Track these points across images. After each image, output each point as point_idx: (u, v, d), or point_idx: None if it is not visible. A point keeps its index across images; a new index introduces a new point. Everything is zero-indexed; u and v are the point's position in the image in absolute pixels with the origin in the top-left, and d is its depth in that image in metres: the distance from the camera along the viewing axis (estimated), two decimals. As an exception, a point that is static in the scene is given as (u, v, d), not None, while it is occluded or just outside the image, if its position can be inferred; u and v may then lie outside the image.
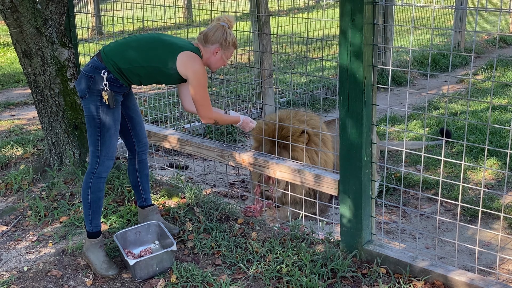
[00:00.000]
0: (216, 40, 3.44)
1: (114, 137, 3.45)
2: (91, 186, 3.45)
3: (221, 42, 3.44)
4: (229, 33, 3.46)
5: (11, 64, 10.25)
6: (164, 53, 3.37)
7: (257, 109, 6.96)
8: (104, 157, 3.43)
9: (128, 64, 3.36)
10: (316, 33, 9.78)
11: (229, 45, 3.47)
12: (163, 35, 3.54)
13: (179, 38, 3.54)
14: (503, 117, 6.43)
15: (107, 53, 3.40)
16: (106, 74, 3.34)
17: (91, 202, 3.47)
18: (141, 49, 3.40)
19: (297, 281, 3.21)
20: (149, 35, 3.55)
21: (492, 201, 4.47)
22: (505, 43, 11.48)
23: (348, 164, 3.31)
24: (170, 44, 3.40)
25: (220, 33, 3.44)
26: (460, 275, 3.10)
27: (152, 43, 3.42)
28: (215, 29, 3.45)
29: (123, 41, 3.49)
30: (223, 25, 3.45)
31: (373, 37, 3.12)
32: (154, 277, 3.40)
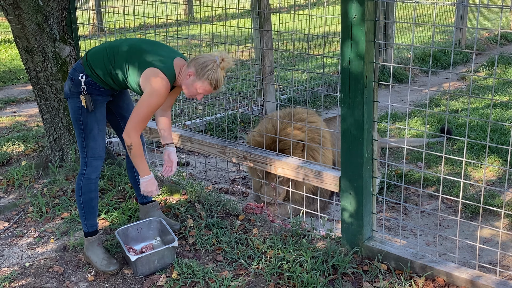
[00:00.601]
0: (194, 66, 3.18)
1: (98, 137, 3.43)
2: (82, 187, 3.46)
3: (197, 69, 3.17)
4: (212, 67, 3.14)
5: (12, 61, 10.25)
6: (133, 64, 3.24)
7: (258, 106, 6.96)
8: (91, 157, 3.44)
9: (101, 69, 3.33)
10: (318, 30, 9.78)
11: (203, 77, 3.16)
12: (146, 45, 3.34)
13: (163, 50, 3.32)
14: (504, 114, 6.43)
15: (88, 57, 3.38)
16: (84, 78, 3.34)
17: (84, 203, 3.48)
18: (114, 56, 3.30)
19: (298, 277, 3.22)
20: (131, 43, 3.36)
21: (493, 198, 4.47)
22: (506, 40, 11.47)
23: (349, 160, 3.32)
24: (143, 56, 3.24)
25: (202, 61, 3.17)
26: (461, 272, 3.10)
27: (127, 51, 3.29)
28: (204, 58, 3.19)
29: (104, 45, 3.42)
30: (214, 59, 3.17)
31: (375, 34, 3.12)
32: (155, 273, 3.41)
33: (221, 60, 3.17)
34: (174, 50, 3.39)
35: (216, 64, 3.16)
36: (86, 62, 3.36)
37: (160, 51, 3.31)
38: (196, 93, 3.23)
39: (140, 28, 10.31)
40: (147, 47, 3.32)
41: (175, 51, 3.39)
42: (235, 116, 6.49)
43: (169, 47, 3.42)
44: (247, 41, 9.75)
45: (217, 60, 3.16)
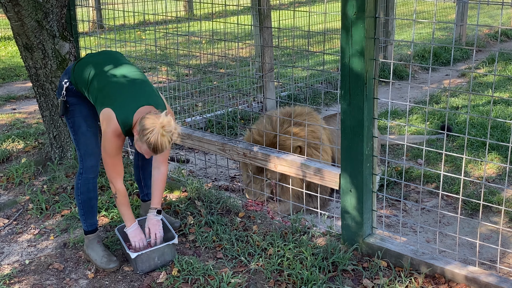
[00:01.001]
0: (138, 125, 3.03)
1: (88, 134, 3.43)
2: (80, 187, 3.47)
3: (139, 130, 3.01)
4: (151, 131, 2.95)
5: (11, 58, 10.24)
6: (100, 97, 3.20)
7: (258, 103, 6.96)
8: (84, 155, 3.45)
9: (81, 86, 3.35)
10: (318, 26, 9.76)
11: (143, 140, 3.00)
12: (124, 82, 3.23)
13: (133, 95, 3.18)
14: (505, 111, 6.42)
15: (76, 68, 3.40)
16: (67, 84, 3.38)
17: (82, 202, 3.49)
18: (92, 82, 3.27)
19: (298, 274, 3.22)
20: (111, 75, 3.27)
21: (493, 195, 4.47)
22: (506, 37, 11.46)
23: (349, 157, 3.31)
24: (110, 95, 3.17)
25: (143, 124, 2.99)
26: (461, 269, 3.10)
27: (102, 83, 3.23)
28: (148, 118, 2.99)
29: (92, 61, 3.38)
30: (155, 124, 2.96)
31: (375, 31, 3.12)
32: (155, 270, 3.41)
33: (161, 126, 2.96)
34: (150, 94, 3.24)
35: (157, 129, 2.96)
36: (73, 72, 3.39)
37: (132, 93, 3.19)
38: (140, 151, 3.13)
39: (140, 25, 10.30)
40: (122, 84, 3.22)
41: (150, 96, 3.23)
42: (235, 113, 6.49)
43: (148, 89, 3.27)
44: (247, 38, 9.74)
45: (157, 126, 2.96)
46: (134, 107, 3.14)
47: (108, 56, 3.47)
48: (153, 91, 3.31)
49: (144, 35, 10.33)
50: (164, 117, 2.98)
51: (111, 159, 3.21)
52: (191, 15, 12.74)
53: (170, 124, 2.98)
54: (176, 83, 7.02)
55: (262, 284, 3.23)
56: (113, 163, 3.23)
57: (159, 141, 2.98)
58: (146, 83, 3.33)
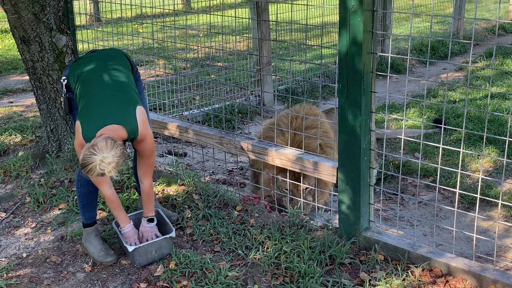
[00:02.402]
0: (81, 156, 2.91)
1: None
2: (80, 179, 3.47)
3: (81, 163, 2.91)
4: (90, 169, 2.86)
5: (8, 51, 10.20)
6: (80, 105, 3.17)
7: (256, 96, 6.95)
8: None
9: (73, 88, 3.35)
10: (315, 20, 9.74)
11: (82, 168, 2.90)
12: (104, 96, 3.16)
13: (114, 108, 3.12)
14: (502, 105, 6.43)
15: (73, 65, 3.39)
16: (65, 82, 3.39)
17: (82, 195, 3.49)
18: (77, 87, 3.25)
19: (295, 267, 3.23)
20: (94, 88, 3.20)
21: (490, 189, 4.48)
22: (504, 31, 11.46)
23: (347, 151, 3.32)
24: (87, 108, 3.11)
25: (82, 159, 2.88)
26: (458, 262, 3.11)
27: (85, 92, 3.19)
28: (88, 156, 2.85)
29: (82, 68, 3.33)
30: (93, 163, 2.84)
31: (373, 24, 3.11)
32: (153, 263, 3.41)
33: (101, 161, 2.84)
34: (123, 114, 3.11)
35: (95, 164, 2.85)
36: (71, 70, 3.38)
37: (103, 110, 3.10)
38: None
39: (137, 18, 10.26)
40: (97, 99, 3.15)
41: (124, 115, 3.11)
42: (232, 106, 6.48)
43: (123, 107, 3.14)
44: (244, 32, 9.72)
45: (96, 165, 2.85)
46: (100, 124, 3.04)
47: (101, 60, 3.38)
48: (127, 108, 3.15)
49: (142, 28, 10.29)
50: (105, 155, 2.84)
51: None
52: (189, 8, 12.69)
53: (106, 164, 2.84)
54: (174, 76, 7.00)
55: (259, 277, 3.24)
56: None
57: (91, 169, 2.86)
58: (125, 97, 3.20)
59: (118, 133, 3.04)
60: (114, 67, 3.36)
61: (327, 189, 4.25)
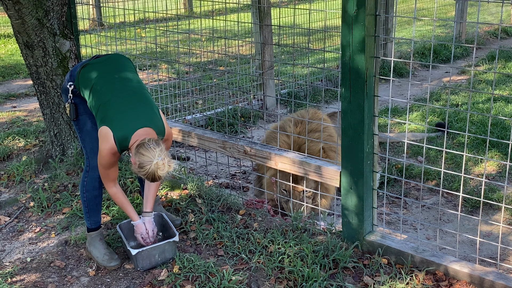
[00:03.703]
0: (136, 161, 3.00)
1: (94, 132, 3.41)
2: (86, 185, 3.48)
3: (137, 165, 3.00)
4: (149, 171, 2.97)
5: (11, 56, 10.23)
6: (100, 114, 3.20)
7: (258, 100, 6.96)
8: (90, 152, 3.46)
9: (83, 94, 3.37)
10: (318, 24, 9.76)
11: (140, 174, 3.02)
12: (126, 101, 3.22)
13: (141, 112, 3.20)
14: (505, 109, 6.43)
15: (81, 73, 3.38)
16: (72, 87, 3.41)
17: (87, 200, 3.50)
18: (95, 96, 3.26)
19: (299, 271, 3.23)
20: (115, 93, 3.26)
21: (493, 192, 4.48)
22: (506, 34, 11.45)
23: (350, 155, 3.32)
24: (110, 114, 3.16)
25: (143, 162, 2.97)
26: (461, 266, 3.11)
27: (104, 99, 3.22)
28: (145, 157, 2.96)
29: (97, 74, 3.34)
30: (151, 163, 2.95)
31: (375, 28, 3.12)
32: (156, 267, 3.42)
33: (156, 166, 2.96)
34: (149, 116, 3.22)
35: (153, 167, 2.97)
36: (77, 77, 3.39)
37: (132, 113, 3.18)
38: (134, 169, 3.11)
39: (140, 22, 10.29)
40: (122, 103, 3.21)
41: (150, 117, 3.22)
42: (235, 110, 6.49)
43: (148, 111, 3.24)
44: (247, 36, 9.74)
45: (152, 165, 2.96)
46: (132, 128, 3.12)
47: (112, 66, 3.42)
48: (152, 110, 3.26)
49: (144, 33, 10.32)
50: (160, 154, 2.95)
51: (105, 170, 3.26)
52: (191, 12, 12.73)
53: (163, 166, 2.97)
54: (176, 80, 7.02)
55: (263, 281, 3.24)
56: (107, 173, 3.28)
57: (154, 176, 3.00)
58: (146, 100, 3.29)
59: (151, 135, 3.13)
60: (126, 72, 3.41)
61: (329, 193, 4.25)
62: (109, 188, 3.36)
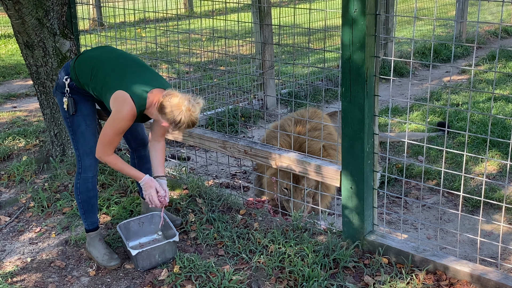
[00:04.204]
0: (168, 120, 3.11)
1: (87, 133, 3.42)
2: (79, 187, 3.48)
3: (171, 122, 3.11)
4: (184, 120, 3.08)
5: (11, 56, 10.23)
6: (109, 82, 3.22)
7: (259, 100, 6.96)
8: (83, 155, 3.44)
9: (84, 80, 3.35)
10: (318, 23, 9.76)
11: (179, 128, 3.12)
12: (131, 68, 3.30)
13: (142, 79, 3.26)
14: (505, 108, 6.42)
15: (76, 63, 3.39)
16: (68, 81, 3.37)
17: (82, 202, 3.50)
18: (97, 73, 3.28)
19: (299, 271, 3.23)
20: (117, 63, 3.34)
21: (494, 192, 4.47)
22: (507, 33, 11.45)
23: (350, 155, 3.32)
24: (120, 78, 3.22)
25: (174, 116, 3.07)
26: (462, 265, 3.11)
27: (110, 69, 3.28)
28: (172, 109, 3.07)
29: (92, 55, 3.41)
30: (183, 109, 3.06)
31: (375, 28, 3.11)
32: (157, 267, 3.42)
33: (189, 110, 3.06)
34: (157, 79, 3.31)
35: (186, 115, 3.07)
36: (73, 67, 3.38)
37: (141, 77, 3.25)
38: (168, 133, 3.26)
39: (140, 22, 10.29)
40: (130, 70, 3.28)
41: (157, 79, 3.31)
42: (235, 110, 6.49)
43: (154, 74, 3.35)
44: (247, 36, 9.74)
45: (185, 112, 3.06)
46: (146, 89, 3.19)
47: (107, 49, 3.52)
48: (157, 73, 3.40)
49: (144, 32, 10.32)
50: (183, 99, 3.08)
51: (114, 136, 3.20)
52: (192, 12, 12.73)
53: (195, 106, 3.09)
54: (177, 80, 7.01)
55: (263, 281, 3.24)
56: (111, 141, 3.21)
57: (191, 119, 3.10)
58: (149, 67, 3.43)
59: (161, 93, 3.20)
60: (121, 52, 3.51)
61: (329, 192, 4.25)
62: (107, 157, 3.26)
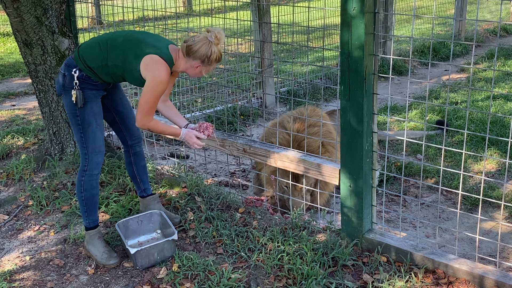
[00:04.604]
0: (199, 57, 3.23)
1: (97, 131, 3.42)
2: (83, 184, 3.46)
3: (203, 59, 3.24)
4: (214, 50, 3.23)
5: (10, 54, 10.22)
6: (131, 53, 3.26)
7: (258, 98, 6.96)
8: (92, 153, 3.43)
9: (96, 63, 3.32)
10: (317, 22, 9.75)
11: (212, 62, 3.27)
12: (138, 36, 3.36)
13: (157, 39, 3.37)
14: (504, 107, 6.43)
15: (80, 50, 3.38)
16: (77, 73, 3.34)
17: (85, 199, 3.48)
18: (110, 48, 3.31)
19: (298, 269, 3.23)
20: (123, 34, 3.40)
21: (492, 190, 4.48)
22: (505, 32, 11.45)
23: (349, 153, 3.32)
24: (140, 45, 3.27)
25: (204, 50, 3.21)
26: (461, 264, 3.11)
27: (123, 42, 3.31)
28: (200, 44, 3.22)
29: (96, 39, 3.42)
30: (210, 41, 3.22)
31: (374, 26, 3.11)
32: (155, 265, 3.42)
33: (216, 40, 3.23)
34: (164, 38, 3.43)
35: (214, 45, 3.24)
36: (78, 57, 3.35)
37: (153, 39, 3.35)
38: (202, 74, 3.38)
39: (139, 20, 10.28)
40: (141, 36, 3.35)
41: (163, 38, 3.43)
42: (234, 109, 6.49)
43: (160, 36, 3.46)
44: (246, 34, 9.73)
45: (212, 42, 3.23)
46: (166, 47, 3.29)
47: (103, 34, 3.52)
48: (161, 36, 3.49)
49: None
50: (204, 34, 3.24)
51: (154, 101, 3.26)
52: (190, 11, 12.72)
53: (220, 33, 3.24)
54: (177, 79, 7.00)
55: (262, 279, 3.24)
56: (153, 106, 3.28)
57: (220, 51, 3.27)
58: (152, 33, 3.51)
59: (177, 48, 3.36)
60: None
61: (328, 190, 4.25)
62: (150, 122, 3.33)
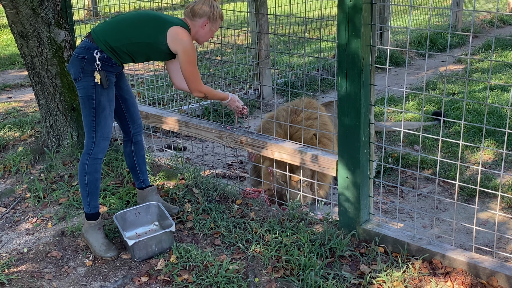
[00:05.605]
0: (204, 14, 3.45)
1: (109, 118, 3.43)
2: (87, 167, 3.43)
3: (209, 15, 3.46)
4: (216, 5, 3.47)
5: (6, 46, 10.18)
6: (154, 28, 3.38)
7: (255, 90, 6.95)
8: (100, 137, 3.41)
9: (119, 42, 3.35)
10: (314, 13, 9.73)
11: (216, 17, 3.49)
12: (151, 12, 3.53)
13: (167, 14, 3.55)
14: (501, 97, 6.43)
15: (97, 33, 3.39)
16: (99, 54, 3.33)
17: (88, 183, 3.45)
18: (131, 26, 3.40)
19: (296, 260, 3.24)
20: (138, 12, 3.54)
21: (489, 181, 4.49)
22: (502, 22, 11.44)
23: (346, 144, 3.32)
24: (159, 19, 3.41)
25: (208, 6, 3.44)
26: (458, 254, 3.12)
27: (141, 19, 3.42)
28: (202, 2, 3.46)
29: (113, 20, 3.48)
30: (211, 3, 3.46)
31: (371, 17, 3.11)
32: (153, 257, 3.42)
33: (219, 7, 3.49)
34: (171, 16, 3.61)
35: (214, 0, 3.49)
36: (98, 39, 3.36)
37: (165, 15, 3.53)
38: (211, 35, 3.57)
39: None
40: (156, 13, 3.51)
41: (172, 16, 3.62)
42: (231, 100, 6.47)
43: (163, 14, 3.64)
44: (243, 25, 9.70)
45: (214, 5, 3.47)
46: (178, 18, 3.48)
47: (116, 16, 3.62)
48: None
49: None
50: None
51: (195, 68, 3.48)
52: (187, 2, 12.65)
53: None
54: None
55: (260, 270, 3.25)
56: (197, 73, 3.51)
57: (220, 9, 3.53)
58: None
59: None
60: None
61: (326, 181, 4.26)
62: (203, 87, 3.59)
